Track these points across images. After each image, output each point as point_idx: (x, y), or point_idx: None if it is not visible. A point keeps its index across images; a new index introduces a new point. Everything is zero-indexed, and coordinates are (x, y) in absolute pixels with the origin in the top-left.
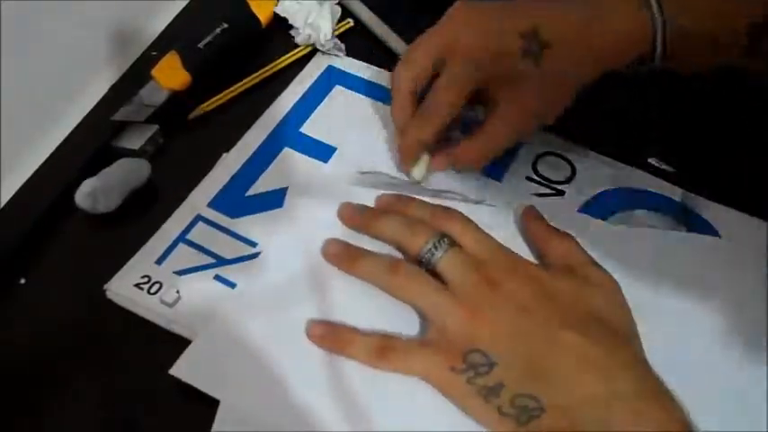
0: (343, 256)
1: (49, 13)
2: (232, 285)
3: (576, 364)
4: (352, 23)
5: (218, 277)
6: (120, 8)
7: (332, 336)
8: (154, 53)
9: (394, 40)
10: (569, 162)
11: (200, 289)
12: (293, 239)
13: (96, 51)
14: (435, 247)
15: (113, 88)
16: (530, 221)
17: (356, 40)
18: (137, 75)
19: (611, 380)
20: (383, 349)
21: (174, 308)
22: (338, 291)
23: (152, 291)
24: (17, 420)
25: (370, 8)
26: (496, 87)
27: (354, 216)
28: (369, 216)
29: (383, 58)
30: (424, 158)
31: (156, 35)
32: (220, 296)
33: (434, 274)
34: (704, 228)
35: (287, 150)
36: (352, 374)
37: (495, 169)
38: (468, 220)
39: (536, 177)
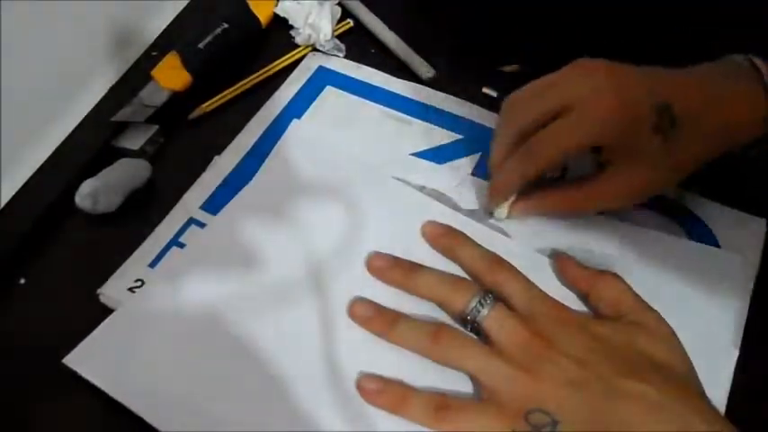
0: (375, 320)
1: (49, 13)
2: None
3: (644, 413)
4: (351, 24)
5: None
6: (120, 8)
7: (387, 393)
8: (154, 53)
9: (394, 42)
10: None
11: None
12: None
13: (96, 51)
14: (480, 305)
15: (113, 89)
16: (567, 268)
17: (356, 41)
18: (137, 75)
19: (684, 425)
20: (440, 409)
21: None
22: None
23: None
24: (17, 420)
25: (370, 8)
26: (615, 151)
27: (389, 270)
28: (406, 271)
29: (383, 58)
30: (509, 200)
31: (156, 35)
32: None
33: (478, 331)
34: (697, 225)
35: None
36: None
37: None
38: (513, 269)
39: None
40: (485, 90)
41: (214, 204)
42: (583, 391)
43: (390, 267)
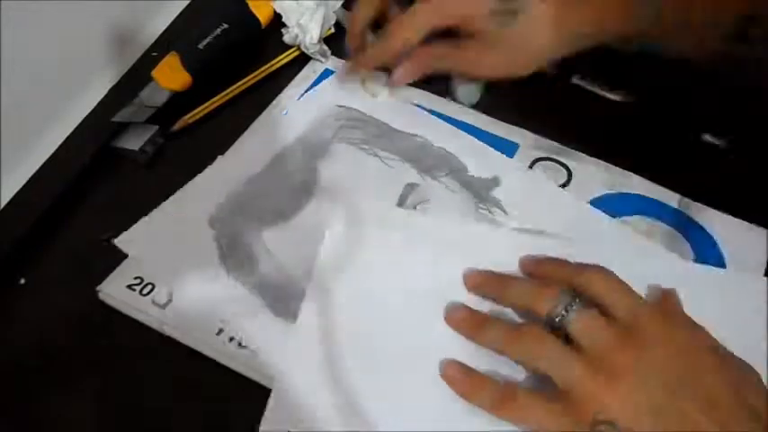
0: (469, 322)
1: (49, 13)
2: None
3: None
4: (333, 30)
5: None
6: (120, 8)
7: (463, 380)
8: (154, 54)
9: None
10: (565, 167)
11: (191, 288)
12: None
13: (96, 52)
14: (569, 306)
15: (114, 89)
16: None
17: (340, 45)
18: (137, 75)
19: None
20: (506, 399)
21: (165, 309)
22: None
23: (144, 292)
24: (17, 419)
25: None
26: (466, 33)
27: (481, 283)
28: (497, 283)
29: None
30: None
31: (157, 35)
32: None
33: (567, 337)
34: (699, 234)
35: None
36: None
37: None
38: (611, 275)
39: None
40: None
41: None
42: (663, 419)
43: (484, 281)
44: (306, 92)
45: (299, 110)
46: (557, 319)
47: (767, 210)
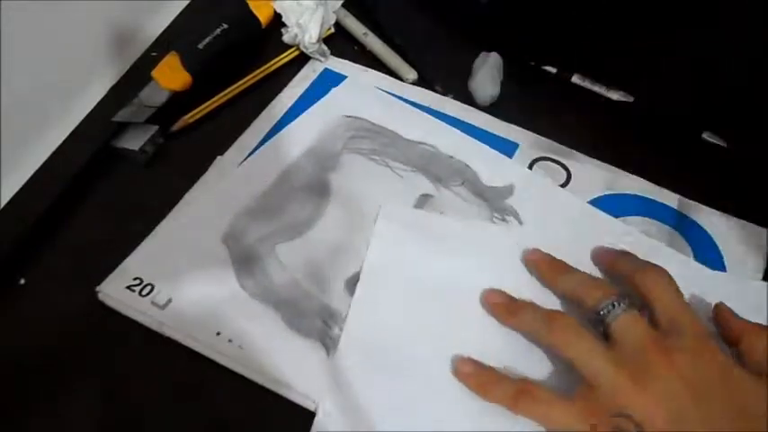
0: (505, 307)
1: (49, 13)
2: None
3: None
4: (333, 30)
5: None
6: (120, 8)
7: (476, 376)
8: (154, 54)
9: (377, 46)
10: (565, 167)
11: (192, 291)
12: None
13: (96, 51)
14: (615, 304)
15: (113, 89)
16: (725, 317)
17: (339, 44)
18: (137, 75)
19: None
20: (521, 394)
21: (165, 310)
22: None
23: (144, 293)
24: (16, 420)
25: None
26: None
27: (540, 262)
28: (556, 266)
29: (366, 62)
30: None
31: (156, 35)
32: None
33: (606, 334)
34: (699, 234)
35: None
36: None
37: None
38: (668, 281)
39: None
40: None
41: None
42: (683, 425)
43: (546, 263)
44: (304, 93)
45: (306, 122)
46: (600, 312)
47: (767, 210)
